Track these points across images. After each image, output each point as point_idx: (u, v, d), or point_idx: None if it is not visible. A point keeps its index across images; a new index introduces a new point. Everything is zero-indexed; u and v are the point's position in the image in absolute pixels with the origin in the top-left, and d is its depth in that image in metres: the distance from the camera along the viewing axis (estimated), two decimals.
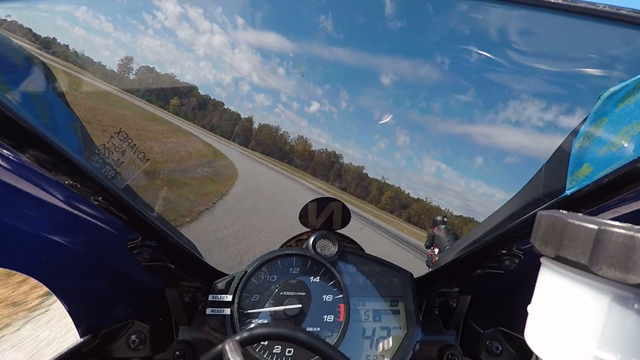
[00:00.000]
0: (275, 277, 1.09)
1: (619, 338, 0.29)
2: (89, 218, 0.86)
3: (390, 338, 1.07)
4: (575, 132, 0.71)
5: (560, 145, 0.79)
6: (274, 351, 1.00)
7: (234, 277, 1.07)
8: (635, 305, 0.29)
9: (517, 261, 0.94)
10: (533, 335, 0.36)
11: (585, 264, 0.30)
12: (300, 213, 1.13)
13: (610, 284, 0.30)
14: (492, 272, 0.98)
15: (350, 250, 1.19)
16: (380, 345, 1.07)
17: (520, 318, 0.42)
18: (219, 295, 1.05)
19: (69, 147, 0.63)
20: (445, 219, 6.65)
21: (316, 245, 1.12)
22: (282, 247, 1.25)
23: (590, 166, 0.67)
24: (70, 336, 3.13)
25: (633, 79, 0.63)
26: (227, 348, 0.65)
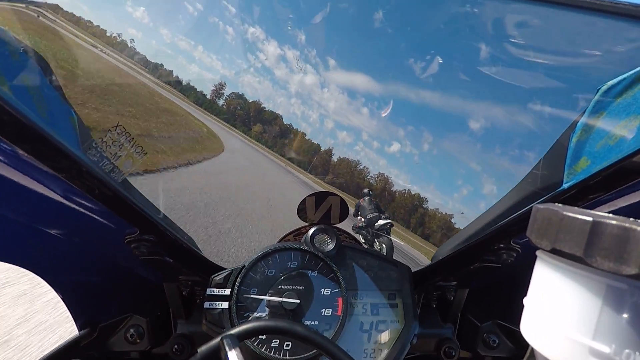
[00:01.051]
0: (274, 271, 1.09)
1: (613, 329, 0.30)
2: (86, 212, 0.86)
3: (388, 331, 1.08)
4: (573, 126, 0.71)
5: (558, 139, 0.79)
6: (272, 345, 1.00)
7: (232, 271, 1.07)
8: (630, 296, 0.29)
9: (515, 255, 0.95)
10: (528, 327, 0.37)
11: (580, 255, 0.30)
12: (298, 207, 1.13)
13: (604, 275, 0.30)
14: (490, 265, 0.99)
15: (349, 244, 1.19)
16: (378, 338, 1.07)
17: (517, 311, 0.42)
18: (217, 289, 1.05)
19: (66, 140, 0.63)
20: (370, 192, 7.82)
21: (314, 239, 1.12)
22: (280, 241, 1.25)
23: (587, 160, 0.67)
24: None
25: (630, 72, 0.64)
26: (224, 342, 0.65)
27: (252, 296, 1.05)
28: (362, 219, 7.57)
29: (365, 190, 7.76)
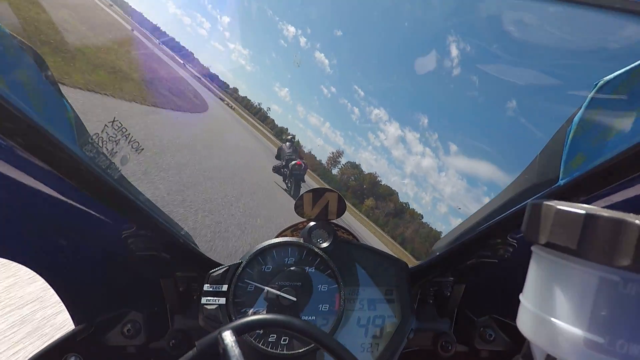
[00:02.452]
0: (271, 266, 1.09)
1: (607, 320, 0.30)
2: (83, 207, 0.86)
3: (385, 326, 1.08)
4: (569, 122, 0.71)
5: (554, 135, 0.80)
6: (269, 340, 1.00)
7: (230, 267, 1.07)
8: (622, 288, 0.30)
9: (511, 250, 0.95)
10: (525, 322, 0.37)
11: (573, 248, 0.30)
12: (295, 203, 1.13)
13: (598, 268, 0.30)
14: (486, 261, 0.99)
15: (346, 240, 1.20)
16: (375, 333, 1.08)
17: (513, 306, 0.42)
18: (215, 285, 1.05)
19: (62, 136, 0.63)
20: (292, 138, 9.75)
21: (312, 235, 1.13)
22: (277, 236, 1.25)
23: (583, 156, 0.67)
24: None
25: (627, 67, 0.64)
26: (222, 336, 0.65)
27: (249, 292, 1.06)
28: (282, 161, 9.01)
29: (289, 137, 9.42)
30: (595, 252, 0.29)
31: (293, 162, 8.88)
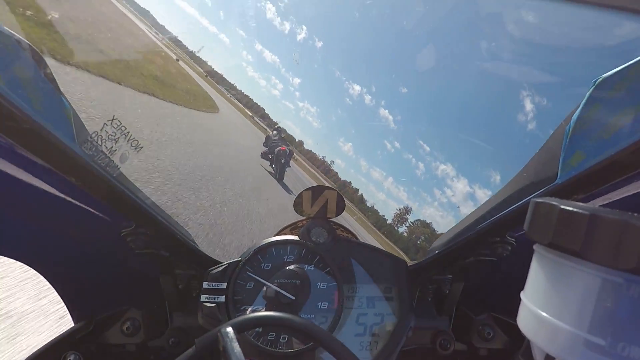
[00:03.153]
0: (270, 264, 1.09)
1: (608, 322, 0.30)
2: (82, 205, 0.86)
3: (384, 324, 1.09)
4: (568, 119, 0.71)
5: (553, 133, 0.80)
6: (268, 337, 1.00)
7: (229, 264, 1.07)
8: (625, 290, 0.29)
9: (510, 248, 0.95)
10: (525, 320, 0.37)
11: (577, 249, 0.30)
12: (294, 201, 1.13)
13: (601, 270, 0.30)
14: (485, 259, 0.99)
15: (345, 238, 1.20)
16: (374, 331, 1.08)
17: (511, 304, 0.42)
18: (214, 283, 1.05)
19: (61, 133, 0.63)
20: (279, 127, 10.34)
21: (310, 233, 1.13)
22: (276, 234, 1.25)
23: (582, 153, 0.67)
24: None
25: (625, 64, 0.64)
26: (222, 334, 0.65)
27: (248, 289, 1.06)
28: (268, 148, 9.96)
29: (276, 126, 10.39)
30: (599, 254, 0.29)
31: (278, 148, 9.75)
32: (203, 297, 1.03)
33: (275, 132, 10.47)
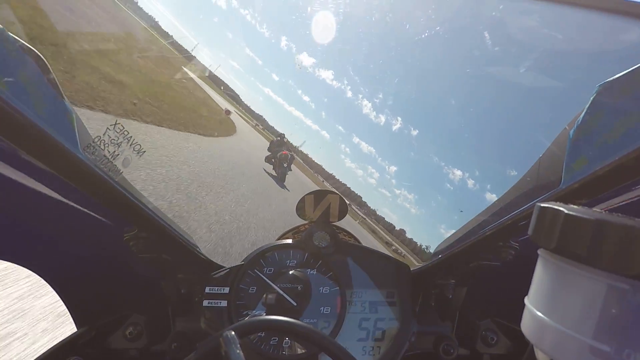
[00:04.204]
0: (272, 269, 1.09)
1: (614, 329, 0.30)
2: (85, 209, 0.86)
3: (387, 329, 1.08)
4: (572, 124, 0.71)
5: (557, 137, 0.79)
6: (270, 342, 1.00)
7: (231, 269, 1.07)
8: (631, 296, 0.29)
9: (513, 253, 0.95)
10: (529, 326, 0.37)
11: (583, 255, 0.30)
12: (297, 205, 1.13)
13: (607, 276, 0.30)
14: (489, 264, 0.99)
15: (347, 242, 1.19)
16: (377, 336, 1.07)
17: (515, 309, 0.42)
18: (216, 287, 1.05)
19: (64, 138, 0.63)
20: (283, 134, 11.23)
21: (313, 237, 1.13)
22: (279, 239, 1.25)
23: (586, 158, 0.67)
24: None
25: (630, 69, 0.63)
26: (224, 338, 0.65)
27: (250, 294, 1.05)
28: (272, 153, 10.85)
29: (280, 133, 11.23)
30: (605, 260, 0.29)
31: (280, 153, 10.82)
32: (205, 302, 1.03)
33: (278, 138, 11.37)
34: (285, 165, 11.04)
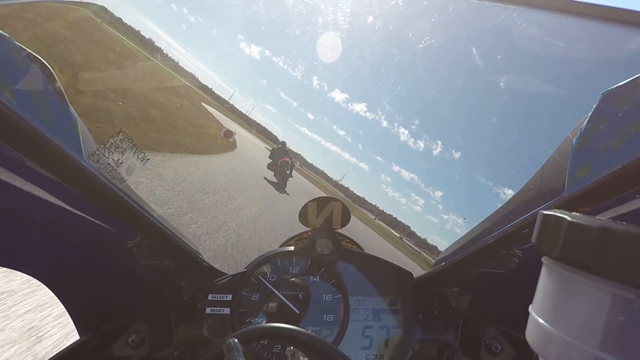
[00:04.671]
0: (275, 276, 1.09)
1: (620, 339, 0.29)
2: (88, 217, 0.86)
3: (390, 337, 1.08)
4: (575, 132, 0.71)
5: (560, 145, 0.79)
6: (273, 350, 1.00)
7: (234, 276, 1.07)
8: (637, 306, 0.29)
9: (517, 260, 0.95)
10: (534, 335, 0.36)
11: (588, 263, 0.30)
12: (300, 212, 1.13)
13: (612, 285, 0.29)
14: (492, 271, 0.98)
15: (350, 249, 1.19)
16: (380, 344, 1.07)
17: (520, 318, 0.42)
18: (219, 295, 1.05)
19: (69, 146, 0.63)
20: (284, 142, 11.74)
21: (316, 244, 1.12)
22: (282, 246, 1.25)
23: (589, 166, 0.67)
24: None
25: (632, 78, 0.63)
26: (227, 346, 0.65)
27: (253, 301, 1.05)
28: (273, 160, 11.32)
29: (282, 141, 11.83)
30: (610, 268, 0.29)
31: (281, 160, 11.24)
32: (208, 309, 1.03)
33: (280, 146, 11.84)
34: (287, 172, 11.48)
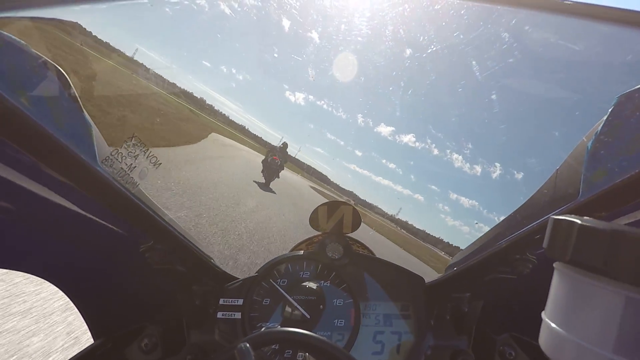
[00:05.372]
0: (286, 281, 1.09)
1: (635, 342, 0.29)
2: (102, 221, 0.87)
3: (402, 343, 1.07)
4: (590, 136, 0.70)
5: (574, 149, 0.78)
6: (285, 355, 1.00)
7: (245, 280, 1.07)
8: None
9: (530, 266, 0.93)
10: (547, 341, 0.36)
11: (600, 266, 0.29)
12: (310, 216, 1.13)
13: (625, 287, 0.29)
14: (505, 277, 0.97)
15: (361, 254, 1.19)
16: (391, 350, 1.06)
17: (533, 324, 0.41)
18: (230, 299, 1.05)
19: (84, 152, 0.64)
20: (285, 144, 12.50)
21: (326, 249, 1.12)
22: (292, 250, 1.25)
23: (604, 170, 0.66)
24: None
25: None
26: (239, 350, 0.65)
27: (264, 306, 1.05)
28: (265, 156, 11.58)
29: (284, 142, 12.55)
30: (623, 271, 0.28)
31: (271, 157, 11.51)
32: (219, 314, 1.03)
33: (278, 146, 12.49)
34: (274, 168, 11.80)
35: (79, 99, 0.74)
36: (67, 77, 0.72)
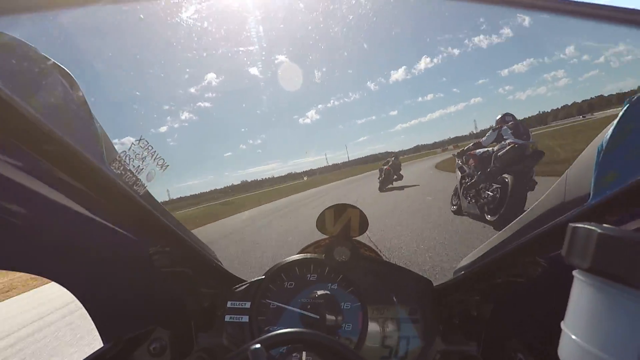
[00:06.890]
0: (293, 283, 1.09)
1: None
2: (110, 224, 0.87)
3: (410, 347, 1.06)
4: (600, 138, 0.69)
5: (585, 152, 0.77)
6: (293, 357, 0.99)
7: (252, 283, 1.07)
8: None
9: (540, 270, 0.92)
10: (568, 353, 0.35)
11: (621, 275, 0.29)
12: (317, 219, 1.12)
13: None
14: (515, 280, 0.96)
15: (369, 257, 1.18)
16: (400, 354, 1.05)
17: (545, 329, 0.40)
18: (238, 302, 1.05)
19: (92, 154, 0.64)
20: (397, 155, 13.44)
21: (334, 252, 1.12)
22: (299, 252, 1.24)
23: (616, 173, 0.65)
24: None
25: None
26: (252, 352, 0.64)
27: (272, 309, 1.05)
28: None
29: (396, 153, 14.39)
30: None
31: (385, 168, 13.32)
32: (227, 317, 1.03)
33: (393, 157, 13.62)
34: (391, 174, 13.21)
35: (87, 102, 0.74)
36: (75, 79, 0.72)
